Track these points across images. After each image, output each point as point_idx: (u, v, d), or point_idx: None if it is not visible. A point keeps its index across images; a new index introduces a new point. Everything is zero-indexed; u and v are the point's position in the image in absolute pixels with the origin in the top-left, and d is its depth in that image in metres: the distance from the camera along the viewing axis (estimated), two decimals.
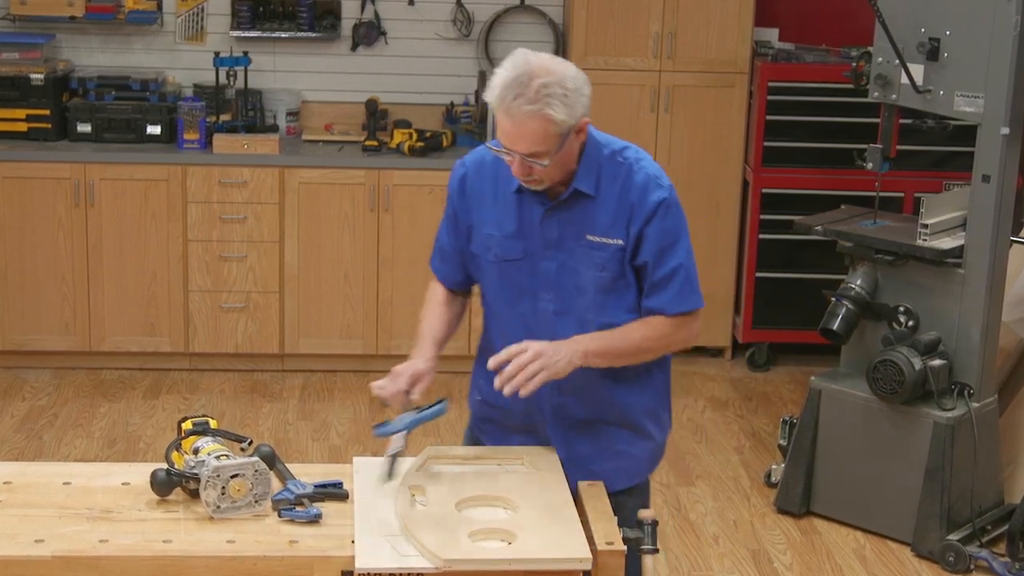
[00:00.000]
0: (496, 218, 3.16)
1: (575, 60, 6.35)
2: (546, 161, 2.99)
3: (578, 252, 3.11)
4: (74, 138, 6.34)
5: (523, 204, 3.13)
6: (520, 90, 2.92)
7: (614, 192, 3.09)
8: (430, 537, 2.74)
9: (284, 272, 6.29)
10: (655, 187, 3.10)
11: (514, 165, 3.01)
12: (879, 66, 4.96)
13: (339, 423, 5.90)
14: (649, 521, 2.95)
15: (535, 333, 3.10)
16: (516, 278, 3.16)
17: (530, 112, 2.93)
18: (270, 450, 2.99)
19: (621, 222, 3.08)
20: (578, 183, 3.08)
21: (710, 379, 6.53)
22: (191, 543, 2.75)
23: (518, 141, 2.97)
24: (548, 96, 2.93)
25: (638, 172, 3.10)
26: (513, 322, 3.18)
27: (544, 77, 2.94)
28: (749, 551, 4.91)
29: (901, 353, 4.81)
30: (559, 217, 3.11)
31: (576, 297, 3.13)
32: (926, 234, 4.88)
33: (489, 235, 3.17)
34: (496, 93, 2.96)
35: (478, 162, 3.22)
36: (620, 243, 3.09)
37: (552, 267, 3.13)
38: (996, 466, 5.03)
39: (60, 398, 6.10)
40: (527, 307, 3.16)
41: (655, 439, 3.30)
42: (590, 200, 3.09)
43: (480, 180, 3.20)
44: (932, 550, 4.80)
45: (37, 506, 2.89)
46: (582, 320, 3.12)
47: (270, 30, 6.58)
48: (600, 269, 3.10)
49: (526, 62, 2.97)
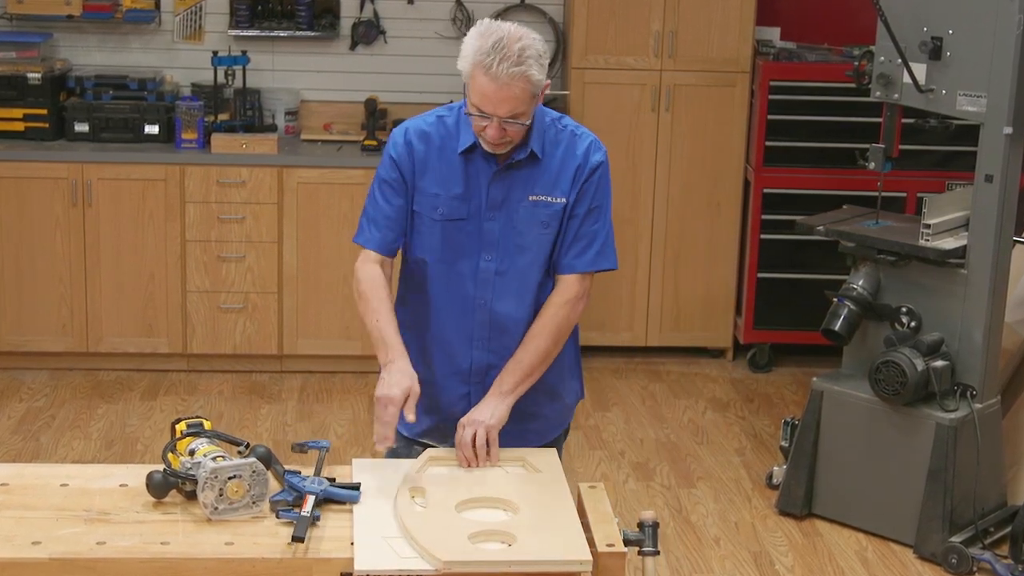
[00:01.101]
0: (442, 179, 3.26)
1: (575, 59, 6.39)
2: (526, 120, 3.12)
3: (521, 212, 3.24)
4: (71, 138, 6.33)
5: (470, 166, 3.25)
6: (503, 53, 3.04)
7: (558, 154, 3.25)
8: (430, 539, 2.73)
9: (283, 272, 6.28)
10: (596, 149, 3.29)
11: (490, 129, 3.12)
12: (881, 65, 4.95)
13: (338, 424, 5.89)
14: (650, 523, 2.96)
15: (474, 293, 3.26)
16: (457, 238, 3.26)
17: (515, 74, 3.04)
18: (266, 451, 2.98)
19: (565, 181, 3.25)
20: (533, 145, 3.22)
21: (711, 380, 6.51)
22: (189, 545, 2.75)
23: (501, 104, 3.07)
24: (528, 58, 3.06)
25: (581, 137, 3.29)
26: (451, 282, 3.29)
27: (520, 40, 3.07)
28: (750, 553, 4.89)
29: (903, 354, 4.80)
30: (507, 179, 3.24)
31: (516, 257, 3.26)
32: (928, 234, 4.87)
33: (435, 195, 3.26)
34: (475, 59, 3.07)
35: (419, 128, 3.31)
36: (563, 201, 3.25)
37: (496, 227, 3.25)
38: (999, 468, 5.02)
39: (57, 399, 6.08)
40: (466, 267, 3.27)
41: (565, 400, 3.47)
42: (537, 162, 3.24)
43: (424, 143, 3.28)
44: (935, 552, 4.79)
45: (34, 508, 2.88)
46: (522, 279, 3.27)
47: (268, 29, 6.58)
48: (544, 227, 3.25)
49: (499, 27, 3.11)
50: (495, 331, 3.29)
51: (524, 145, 3.21)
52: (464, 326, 3.30)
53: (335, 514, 2.88)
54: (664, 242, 6.57)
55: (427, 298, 3.33)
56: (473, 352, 3.31)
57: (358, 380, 6.30)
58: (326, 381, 6.36)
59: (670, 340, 6.70)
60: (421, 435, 3.42)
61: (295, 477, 2.95)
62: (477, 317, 3.29)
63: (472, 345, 3.31)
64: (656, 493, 5.34)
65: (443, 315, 3.32)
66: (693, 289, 6.64)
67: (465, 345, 3.31)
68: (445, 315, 3.31)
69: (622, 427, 5.93)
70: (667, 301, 6.63)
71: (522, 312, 3.28)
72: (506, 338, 3.27)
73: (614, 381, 6.46)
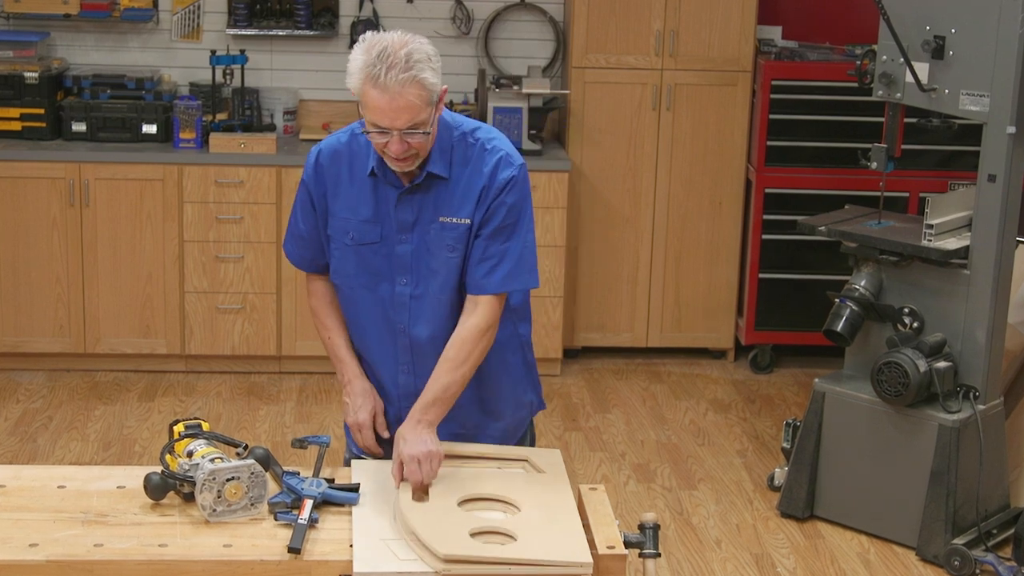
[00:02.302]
0: (351, 202, 3.18)
1: (576, 58, 6.37)
2: (428, 128, 3.00)
3: (431, 234, 3.14)
4: (69, 137, 6.31)
5: (378, 188, 3.16)
6: (389, 62, 2.92)
7: (465, 173, 3.13)
8: (431, 535, 2.72)
9: (281, 273, 6.26)
10: (505, 166, 3.13)
11: (392, 145, 3.00)
12: (883, 64, 4.94)
13: (337, 426, 5.87)
14: (651, 525, 2.96)
15: (392, 317, 3.18)
16: (373, 262, 3.19)
17: (405, 80, 2.93)
18: (265, 452, 2.98)
19: (470, 201, 3.12)
20: (432, 166, 3.11)
21: (712, 381, 6.50)
22: (187, 547, 2.75)
23: (397, 115, 2.95)
24: (417, 62, 2.94)
25: (490, 152, 3.14)
26: (371, 307, 3.21)
27: (406, 46, 2.96)
28: (752, 555, 4.88)
29: (906, 355, 4.79)
30: (414, 200, 3.14)
31: (430, 280, 3.17)
32: (931, 234, 4.86)
33: (346, 219, 3.19)
34: (364, 74, 2.95)
35: (332, 147, 3.21)
36: (468, 222, 3.13)
37: (408, 250, 3.16)
38: (1002, 469, 5.01)
39: (54, 401, 6.06)
40: (385, 291, 3.19)
41: (530, 408, 3.41)
42: (444, 182, 3.13)
43: (335, 164, 3.20)
44: (937, 554, 4.78)
45: (31, 510, 2.88)
46: (436, 303, 3.17)
47: (267, 28, 6.56)
48: (451, 250, 3.14)
49: (380, 39, 2.98)
50: (417, 355, 3.21)
51: (424, 165, 3.11)
52: (389, 350, 3.24)
53: (334, 516, 2.88)
54: (665, 242, 6.55)
55: (355, 320, 3.29)
56: (399, 376, 3.25)
57: None
58: (325, 382, 6.34)
59: (671, 341, 6.68)
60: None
61: (294, 479, 2.95)
62: (399, 341, 3.22)
63: (398, 369, 3.25)
64: (657, 495, 5.32)
65: (369, 339, 3.27)
66: (694, 290, 6.62)
67: (391, 369, 3.26)
68: (370, 339, 3.26)
69: (623, 428, 5.92)
70: (668, 302, 6.61)
71: (440, 335, 3.17)
72: (430, 361, 3.15)
73: (615, 382, 6.44)
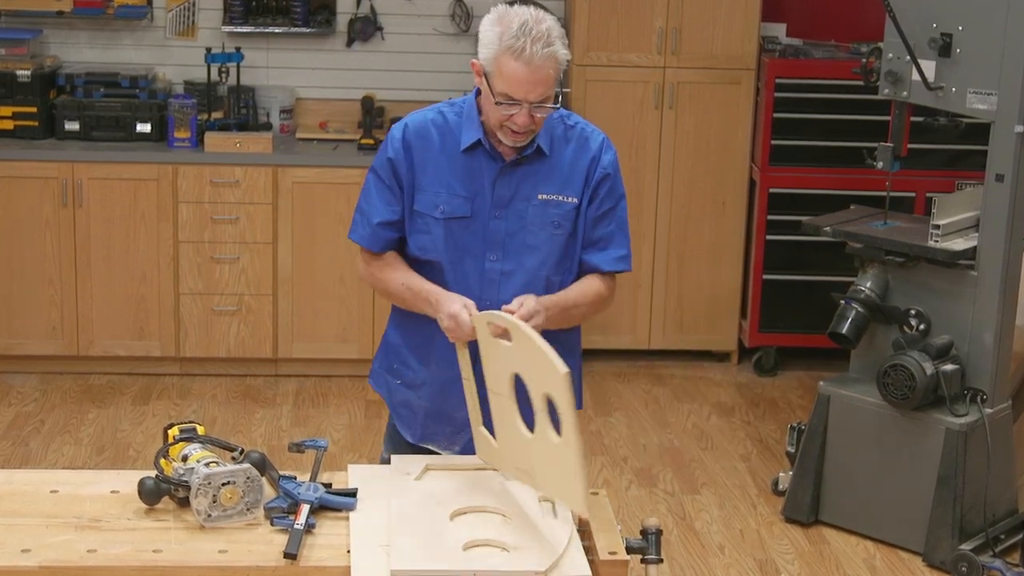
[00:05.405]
0: (443, 176, 3.20)
1: (577, 56, 6.33)
2: (556, 103, 3.07)
3: (530, 211, 3.18)
4: (61, 136, 6.29)
5: (474, 163, 3.19)
6: (533, 36, 3.00)
7: (568, 151, 3.21)
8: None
9: (278, 274, 6.24)
10: (608, 148, 3.26)
11: (519, 117, 3.06)
12: (890, 62, 4.94)
13: (334, 430, 5.85)
14: (653, 530, 2.96)
15: (478, 294, 3.17)
16: (462, 237, 3.20)
17: (547, 54, 3.00)
18: (260, 456, 2.97)
19: (578, 180, 3.20)
20: (540, 140, 3.16)
21: (716, 384, 6.49)
22: (182, 553, 2.75)
23: (534, 87, 3.01)
24: (556, 38, 3.03)
25: (591, 133, 3.26)
26: (459, 282, 3.20)
27: (545, 21, 3.03)
28: (756, 561, 4.87)
29: (912, 358, 4.78)
30: (515, 175, 3.18)
31: (525, 256, 3.20)
32: (938, 235, 4.86)
33: (436, 193, 3.21)
34: (502, 44, 3.00)
35: (418, 123, 3.25)
36: (575, 201, 3.20)
37: (502, 226, 3.19)
38: (1010, 474, 5.01)
39: (47, 404, 6.04)
40: (471, 266, 3.21)
41: None
42: (544, 159, 3.19)
43: (422, 139, 3.22)
44: (944, 560, 4.77)
45: (23, 515, 2.87)
46: (531, 279, 3.19)
47: (263, 25, 6.56)
48: (556, 227, 3.20)
49: (515, 12, 3.04)
50: None
51: (531, 140, 3.16)
52: None
53: (331, 521, 2.88)
54: (668, 243, 6.52)
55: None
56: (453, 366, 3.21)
57: (354, 384, 6.26)
58: (322, 385, 6.31)
59: (674, 343, 6.66)
60: (423, 439, 3.37)
61: (290, 483, 2.95)
62: None
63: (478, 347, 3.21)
64: (659, 499, 5.31)
65: None
66: (697, 291, 6.60)
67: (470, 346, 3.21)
68: None
69: (625, 432, 5.90)
70: (671, 303, 6.58)
71: None
72: None
73: (616, 385, 6.42)
